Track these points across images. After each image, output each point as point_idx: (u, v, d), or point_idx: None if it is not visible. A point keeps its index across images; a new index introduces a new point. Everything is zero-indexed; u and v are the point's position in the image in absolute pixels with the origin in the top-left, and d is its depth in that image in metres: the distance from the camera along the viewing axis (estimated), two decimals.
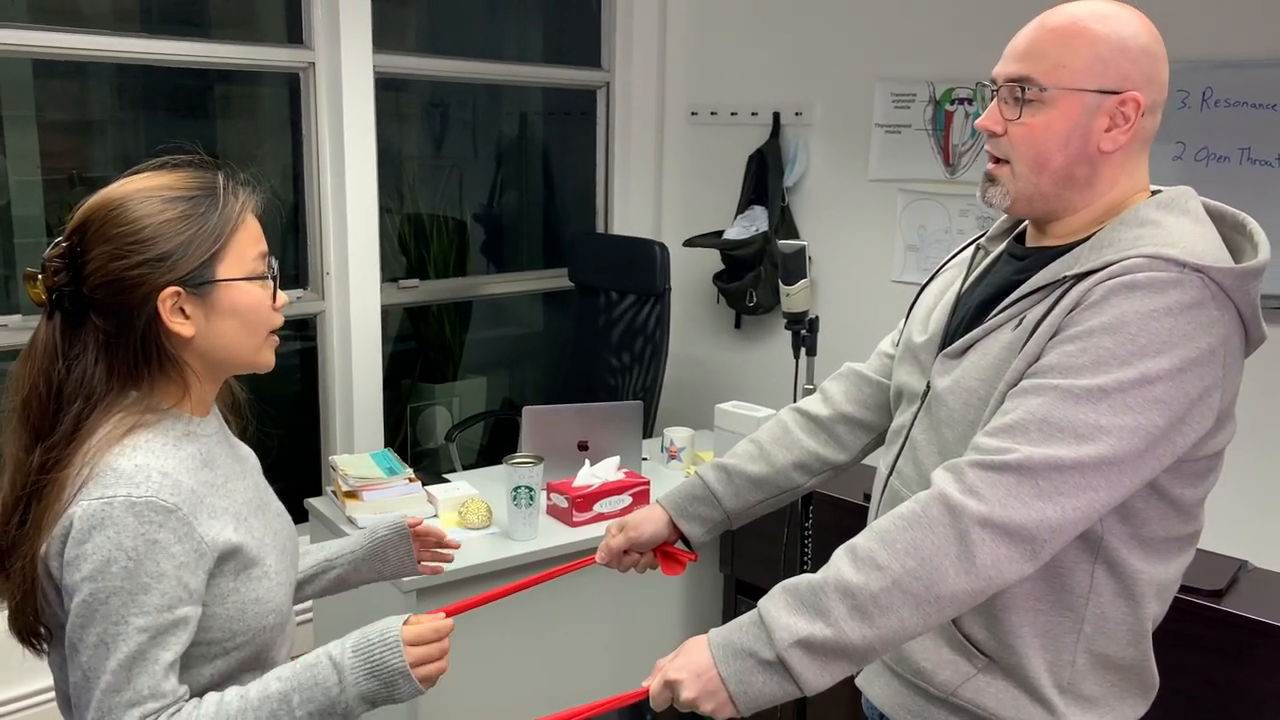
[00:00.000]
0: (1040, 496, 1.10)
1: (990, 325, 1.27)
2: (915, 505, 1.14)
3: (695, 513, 1.57)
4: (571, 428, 2.63)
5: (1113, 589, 1.23)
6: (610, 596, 2.52)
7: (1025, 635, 1.25)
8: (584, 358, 3.68)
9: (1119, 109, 1.21)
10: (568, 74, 3.96)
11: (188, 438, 1.19)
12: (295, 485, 3.47)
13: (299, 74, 3.25)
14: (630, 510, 2.50)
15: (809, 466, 1.55)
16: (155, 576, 1.09)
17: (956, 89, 3.14)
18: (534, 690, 2.42)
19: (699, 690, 1.15)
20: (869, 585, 1.11)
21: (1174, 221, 1.20)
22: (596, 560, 1.59)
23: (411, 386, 4.09)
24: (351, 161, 3.23)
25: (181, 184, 1.19)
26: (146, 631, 1.09)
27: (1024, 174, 1.26)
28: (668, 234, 3.94)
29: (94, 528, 1.08)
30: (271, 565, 1.23)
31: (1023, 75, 1.24)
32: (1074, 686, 1.26)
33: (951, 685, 1.29)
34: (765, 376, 3.69)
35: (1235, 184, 2.62)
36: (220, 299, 1.18)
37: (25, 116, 3.08)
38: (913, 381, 1.39)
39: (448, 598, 2.23)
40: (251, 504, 1.25)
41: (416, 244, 3.95)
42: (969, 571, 1.10)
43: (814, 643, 1.12)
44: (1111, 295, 1.14)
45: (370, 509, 2.40)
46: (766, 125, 3.60)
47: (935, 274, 1.49)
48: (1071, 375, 1.13)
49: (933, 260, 3.23)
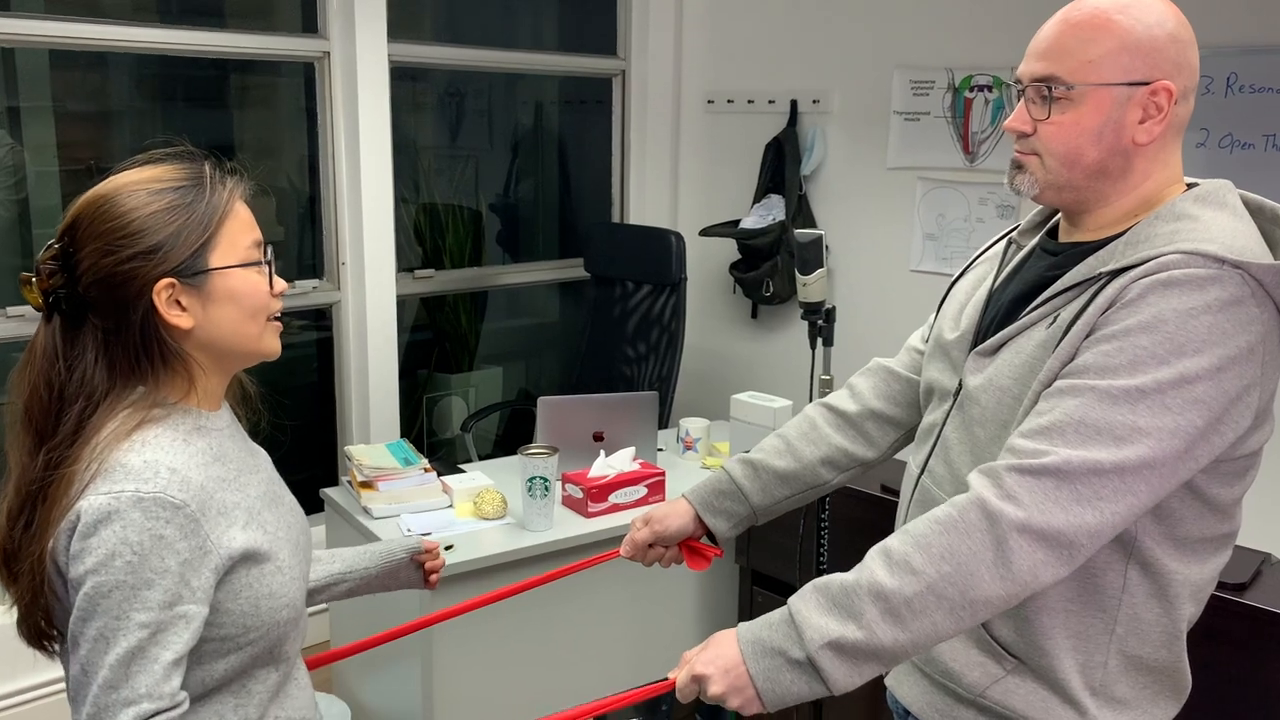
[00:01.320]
0: (1079, 501, 1.09)
1: (1024, 323, 1.25)
2: (952, 509, 1.13)
3: (721, 507, 1.56)
4: (587, 418, 2.62)
5: (1146, 590, 1.21)
6: (625, 587, 2.51)
7: (1056, 637, 1.23)
8: (600, 348, 3.67)
9: (1151, 99, 1.18)
10: (584, 62, 3.95)
11: (198, 432, 1.19)
12: (311, 475, 3.49)
13: (314, 64, 3.24)
14: (646, 501, 2.50)
15: (837, 462, 1.54)
16: (159, 572, 1.08)
17: (976, 76, 3.11)
18: (549, 681, 2.42)
19: (726, 686, 1.15)
20: (903, 589, 1.10)
21: (1211, 216, 1.18)
22: (621, 554, 1.59)
23: (427, 377, 4.10)
24: (367, 151, 3.23)
25: (168, 175, 1.18)
26: (147, 627, 1.07)
27: (1055, 167, 1.23)
28: (684, 223, 3.92)
29: (100, 522, 1.08)
30: (285, 560, 1.22)
31: (1048, 74, 1.21)
32: (1106, 688, 1.24)
33: (980, 686, 1.28)
34: (782, 367, 3.67)
35: (1259, 171, 2.58)
36: (216, 288, 1.17)
37: (43, 107, 3.09)
38: (944, 379, 1.37)
39: (462, 588, 2.23)
40: (265, 498, 1.24)
41: (432, 234, 3.95)
42: (1005, 577, 1.09)
43: (845, 644, 1.11)
44: (1148, 293, 1.12)
45: (385, 499, 2.40)
46: (784, 113, 3.57)
47: (966, 269, 1.47)
48: (1109, 375, 1.11)
49: (952, 249, 3.20)
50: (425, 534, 2.28)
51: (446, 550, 2.22)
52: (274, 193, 3.70)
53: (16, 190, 3.05)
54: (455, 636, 2.27)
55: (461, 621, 2.11)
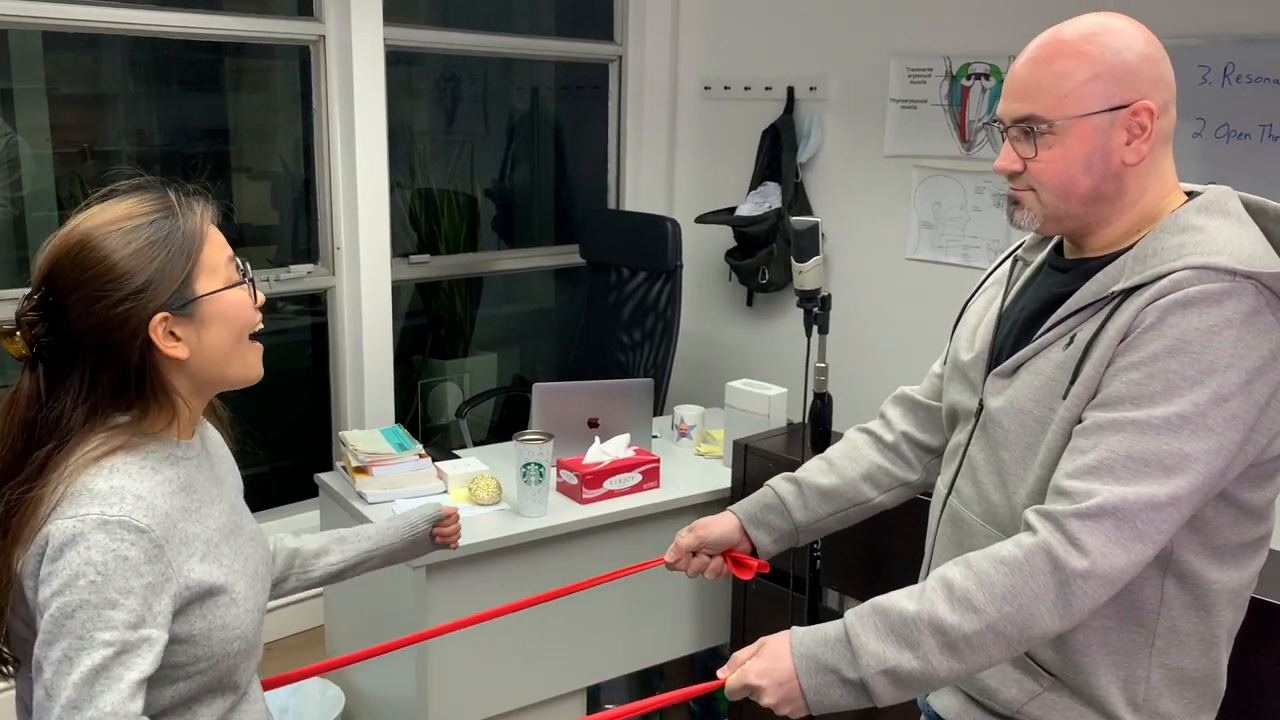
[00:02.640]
0: (1140, 539, 1.11)
1: (1039, 344, 1.26)
2: (1017, 550, 1.15)
3: (765, 521, 1.59)
4: (582, 405, 2.62)
5: (1183, 601, 1.23)
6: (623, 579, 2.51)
7: (1094, 654, 1.24)
8: (595, 334, 3.67)
9: (1134, 120, 1.19)
10: (580, 48, 3.93)
11: (168, 461, 1.19)
12: (305, 460, 3.49)
13: (309, 47, 3.23)
14: (640, 489, 2.51)
15: (877, 480, 1.57)
16: (123, 592, 1.08)
17: (973, 64, 3.10)
18: (543, 668, 2.43)
19: (780, 697, 1.20)
20: (963, 626, 1.14)
21: (1216, 225, 1.18)
22: (666, 560, 1.61)
23: (422, 363, 4.09)
24: (362, 135, 3.21)
25: (138, 210, 1.18)
26: (112, 646, 1.07)
27: (1051, 200, 1.25)
28: (680, 210, 3.92)
29: (65, 545, 1.08)
30: (241, 592, 1.23)
31: (1028, 114, 1.22)
32: (1150, 703, 1.25)
33: (1017, 703, 1.29)
34: (777, 355, 3.67)
35: (1255, 161, 2.58)
36: (207, 313, 1.19)
37: (36, 90, 3.08)
38: (964, 400, 1.39)
39: (458, 574, 2.24)
40: (224, 530, 1.25)
41: (427, 219, 3.94)
42: (1064, 615, 1.13)
43: (900, 673, 1.15)
44: (1168, 315, 1.13)
45: (380, 484, 2.40)
46: (781, 100, 3.56)
47: (976, 291, 1.49)
48: (1146, 405, 1.13)
49: (947, 237, 3.20)
50: None
51: None
52: (268, 177, 3.69)
53: (14, 189, 3.03)
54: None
55: (457, 609, 2.12)
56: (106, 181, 1.22)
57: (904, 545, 1.56)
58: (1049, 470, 1.21)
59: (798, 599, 2.25)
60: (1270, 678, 1.67)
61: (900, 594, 1.20)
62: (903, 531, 1.61)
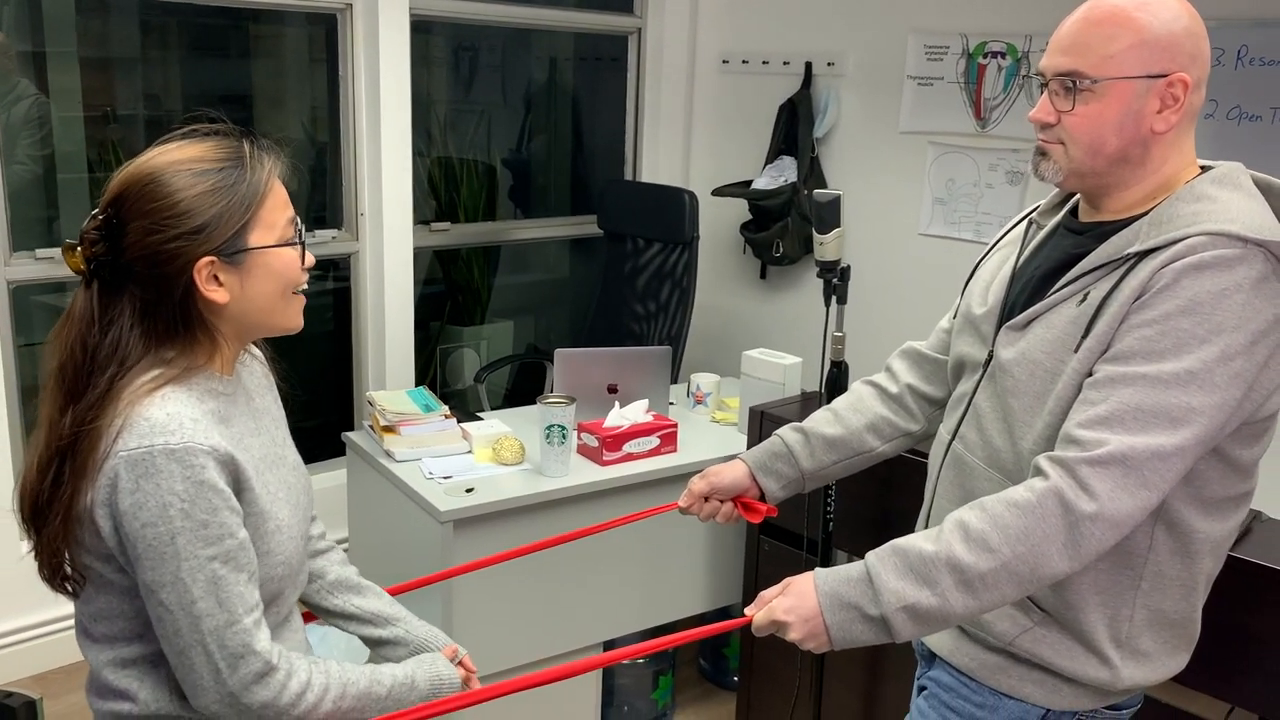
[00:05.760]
0: (1146, 486, 1.19)
1: (1054, 300, 1.33)
2: (1029, 494, 1.22)
3: (773, 468, 1.66)
4: (602, 371, 2.69)
5: (1170, 547, 1.31)
6: (638, 530, 2.59)
7: (1085, 593, 1.32)
8: (611, 304, 3.72)
9: (1168, 90, 1.26)
10: (600, 19, 3.97)
11: (210, 394, 1.26)
12: (326, 421, 3.56)
13: (336, 15, 3.27)
14: (659, 452, 2.58)
15: (880, 430, 1.64)
16: (210, 510, 1.18)
17: (989, 42, 3.14)
18: (563, 618, 2.51)
19: (805, 633, 1.26)
20: (978, 565, 1.21)
21: (1229, 196, 1.26)
22: (679, 505, 1.69)
23: (440, 329, 4.16)
24: (387, 103, 3.26)
25: (211, 154, 1.23)
26: (216, 559, 1.18)
27: (1079, 155, 1.31)
28: (696, 183, 3.96)
29: (141, 476, 1.16)
30: (284, 519, 1.30)
31: (1072, 69, 1.28)
32: (1131, 641, 1.33)
33: (1009, 635, 1.37)
34: (790, 327, 3.73)
35: (1267, 143, 2.62)
36: (254, 265, 1.24)
37: (68, 53, 3.12)
38: (974, 351, 1.46)
39: (483, 530, 2.31)
40: (267, 459, 1.32)
41: (446, 188, 3.99)
42: (1072, 556, 1.20)
43: (919, 609, 1.22)
44: (1182, 277, 1.20)
45: (408, 443, 2.47)
46: (798, 75, 3.61)
47: (989, 251, 1.55)
48: (1156, 360, 1.20)
49: (961, 214, 3.26)
50: (446, 477, 2.36)
51: (468, 493, 2.30)
52: (290, 144, 3.74)
53: (43, 145, 3.08)
54: (474, 574, 2.35)
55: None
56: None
57: (913, 505, 1.62)
58: (1056, 418, 1.28)
59: (810, 559, 2.33)
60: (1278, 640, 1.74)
61: (918, 536, 1.27)
62: (913, 492, 1.67)
